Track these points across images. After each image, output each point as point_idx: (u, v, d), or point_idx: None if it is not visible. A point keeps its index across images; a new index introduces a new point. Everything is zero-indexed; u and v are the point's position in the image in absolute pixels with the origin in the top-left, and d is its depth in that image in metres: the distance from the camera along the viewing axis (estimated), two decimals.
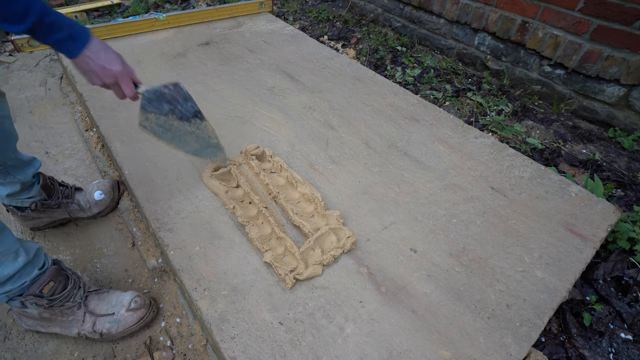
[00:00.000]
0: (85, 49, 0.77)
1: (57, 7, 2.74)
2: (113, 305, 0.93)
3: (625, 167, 1.50)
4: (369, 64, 2.12)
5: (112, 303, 0.93)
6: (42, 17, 0.69)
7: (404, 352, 0.81)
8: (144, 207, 1.10)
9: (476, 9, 1.92)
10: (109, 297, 0.94)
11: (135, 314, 0.93)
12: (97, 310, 0.92)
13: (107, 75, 0.82)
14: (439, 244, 1.03)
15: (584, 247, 1.04)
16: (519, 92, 1.89)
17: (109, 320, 0.91)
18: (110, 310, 0.92)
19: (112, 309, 0.92)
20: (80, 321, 0.91)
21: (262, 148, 1.25)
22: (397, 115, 1.49)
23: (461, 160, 1.30)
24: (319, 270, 0.94)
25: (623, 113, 1.60)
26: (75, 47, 0.76)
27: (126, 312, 0.92)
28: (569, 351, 0.98)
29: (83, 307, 0.91)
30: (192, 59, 1.80)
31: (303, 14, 2.70)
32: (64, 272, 0.91)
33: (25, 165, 1.01)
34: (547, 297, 0.92)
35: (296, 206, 1.11)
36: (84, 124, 1.60)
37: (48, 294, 0.86)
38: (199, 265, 0.95)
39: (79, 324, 0.91)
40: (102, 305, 0.93)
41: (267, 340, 0.82)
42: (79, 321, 0.91)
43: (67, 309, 0.90)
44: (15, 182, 0.99)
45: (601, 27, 1.52)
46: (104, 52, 0.80)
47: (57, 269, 0.89)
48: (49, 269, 0.88)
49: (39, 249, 0.87)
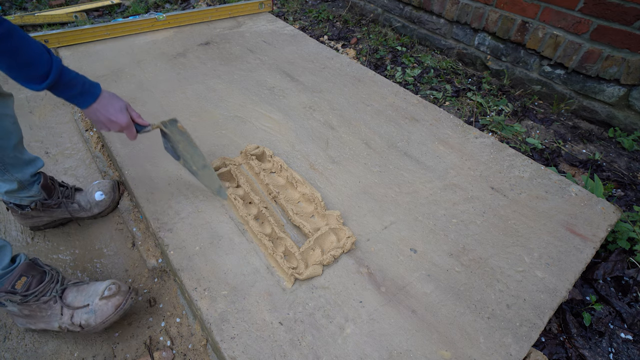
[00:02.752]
0: (94, 103, 0.89)
1: (57, 7, 2.74)
2: (89, 295, 0.91)
3: (625, 167, 1.50)
4: (369, 64, 2.12)
5: (88, 294, 0.91)
6: (59, 78, 0.81)
7: (404, 352, 0.81)
8: (144, 207, 1.10)
9: (476, 9, 1.92)
10: (87, 288, 0.92)
11: (110, 302, 0.89)
12: (74, 303, 0.90)
13: (113, 126, 0.93)
14: (439, 244, 1.03)
15: (584, 247, 1.04)
16: (519, 92, 1.89)
17: (85, 311, 0.89)
18: (85, 302, 0.90)
19: (87, 299, 0.90)
20: (58, 315, 0.90)
21: (262, 148, 1.25)
22: (397, 115, 1.49)
23: (461, 160, 1.30)
24: (319, 270, 0.94)
25: (623, 113, 1.60)
26: (85, 101, 0.88)
27: (100, 301, 0.89)
28: (569, 351, 0.98)
29: (59, 300, 0.90)
30: (192, 59, 1.80)
31: (303, 14, 2.70)
32: (40, 267, 0.91)
33: (26, 164, 1.01)
34: (547, 297, 0.92)
35: (296, 206, 1.11)
36: (84, 124, 1.60)
37: (22, 289, 0.86)
38: (199, 265, 0.95)
39: (57, 317, 0.90)
40: (80, 297, 0.91)
41: (267, 340, 0.82)
42: (57, 315, 0.90)
43: (43, 304, 0.89)
44: (12, 180, 0.99)
45: (601, 27, 1.52)
46: (111, 106, 0.91)
47: (29, 264, 0.89)
48: (19, 264, 0.88)
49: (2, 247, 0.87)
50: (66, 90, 0.84)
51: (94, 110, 0.90)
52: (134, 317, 1.01)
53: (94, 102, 0.89)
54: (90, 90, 0.88)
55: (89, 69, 1.69)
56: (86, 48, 1.85)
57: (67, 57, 1.77)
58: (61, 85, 0.83)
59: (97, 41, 1.90)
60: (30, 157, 1.03)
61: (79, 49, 1.84)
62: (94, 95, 0.89)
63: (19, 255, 0.90)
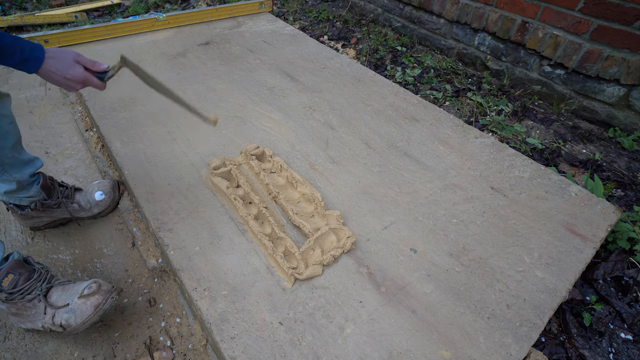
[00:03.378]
0: (41, 67, 0.83)
1: (57, 7, 2.74)
2: (70, 294, 0.89)
3: (625, 167, 1.50)
4: (369, 64, 2.12)
5: (70, 293, 0.90)
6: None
7: (404, 352, 0.81)
8: (144, 207, 1.10)
9: (476, 9, 1.92)
10: (72, 287, 0.91)
11: (89, 301, 0.87)
12: (57, 302, 0.89)
13: (73, 84, 0.88)
14: (439, 244, 1.03)
15: (584, 247, 1.04)
16: (519, 92, 1.89)
17: (66, 311, 0.87)
18: (66, 301, 0.88)
19: (68, 298, 0.89)
20: (41, 314, 0.89)
21: (262, 148, 1.25)
22: (397, 115, 1.49)
23: (461, 160, 1.30)
24: (319, 270, 0.94)
25: (623, 113, 1.60)
26: (30, 67, 0.82)
27: (79, 300, 0.87)
28: (569, 351, 0.98)
29: (43, 299, 0.89)
30: (192, 59, 1.80)
31: (303, 14, 2.70)
32: (30, 265, 0.90)
33: (24, 164, 1.01)
34: (547, 297, 0.92)
35: (296, 206, 1.11)
36: (84, 124, 1.60)
37: (8, 287, 0.85)
38: (199, 265, 0.95)
39: (41, 317, 0.89)
40: (63, 296, 0.90)
41: (267, 340, 0.82)
42: (41, 314, 0.89)
43: (28, 302, 0.88)
44: (11, 180, 0.99)
45: (601, 27, 1.52)
46: (60, 64, 0.85)
47: (17, 262, 0.88)
48: (7, 262, 0.87)
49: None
50: (4, 58, 0.78)
51: (45, 74, 0.84)
52: (134, 317, 1.01)
53: (41, 66, 0.83)
54: (32, 55, 0.81)
55: None
56: (86, 48, 1.85)
57: None
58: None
59: (97, 41, 1.90)
60: (29, 158, 1.03)
61: (79, 49, 1.83)
62: (37, 59, 0.82)
63: (12, 254, 0.90)
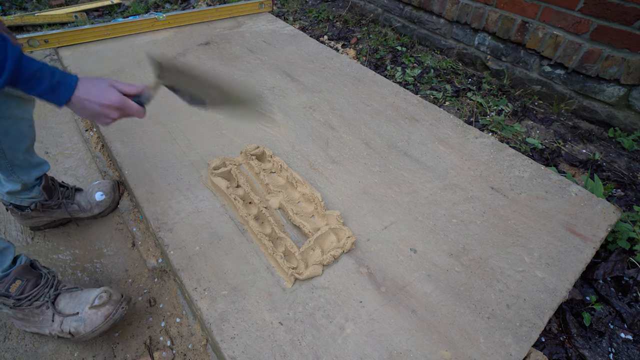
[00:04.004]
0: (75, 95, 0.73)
1: (57, 7, 2.74)
2: (80, 303, 0.89)
3: (625, 167, 1.50)
4: (369, 64, 2.12)
5: (80, 301, 0.89)
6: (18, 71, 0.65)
7: (404, 352, 0.81)
8: (144, 207, 1.10)
9: (476, 9, 1.92)
10: (80, 295, 0.90)
11: (100, 311, 0.87)
12: (65, 310, 0.88)
13: (110, 111, 0.77)
14: (439, 244, 1.03)
15: (584, 247, 1.04)
16: (519, 92, 1.89)
17: (75, 319, 0.87)
18: (75, 310, 0.88)
19: (78, 307, 0.88)
20: (49, 321, 0.88)
21: (262, 148, 1.25)
22: (397, 115, 1.49)
23: (461, 160, 1.30)
24: (319, 270, 0.94)
25: (623, 113, 1.60)
26: (61, 96, 0.72)
27: (90, 310, 0.87)
28: (569, 351, 0.97)
29: (51, 307, 0.88)
30: (192, 59, 1.80)
31: (303, 14, 2.69)
32: (37, 270, 0.89)
33: (33, 167, 1.01)
34: (547, 297, 0.92)
35: (296, 206, 1.11)
36: (84, 124, 1.60)
37: (16, 293, 0.84)
38: (199, 265, 0.95)
39: (48, 323, 0.89)
40: (72, 304, 0.89)
41: (267, 340, 0.82)
42: (49, 321, 0.88)
43: (36, 309, 0.88)
44: (17, 182, 0.99)
45: (601, 27, 1.52)
46: (96, 88, 0.74)
47: (24, 267, 0.87)
48: (15, 267, 0.86)
49: (4, 249, 0.85)
50: (32, 85, 0.67)
51: (80, 102, 0.73)
52: (134, 317, 1.00)
53: (73, 94, 0.72)
54: (63, 80, 0.71)
55: (89, 69, 1.69)
56: (86, 48, 1.85)
57: (67, 57, 1.77)
58: (24, 79, 0.66)
59: (97, 41, 1.90)
60: (39, 161, 1.03)
61: (79, 49, 1.84)
62: (69, 86, 0.71)
63: (20, 257, 0.89)
